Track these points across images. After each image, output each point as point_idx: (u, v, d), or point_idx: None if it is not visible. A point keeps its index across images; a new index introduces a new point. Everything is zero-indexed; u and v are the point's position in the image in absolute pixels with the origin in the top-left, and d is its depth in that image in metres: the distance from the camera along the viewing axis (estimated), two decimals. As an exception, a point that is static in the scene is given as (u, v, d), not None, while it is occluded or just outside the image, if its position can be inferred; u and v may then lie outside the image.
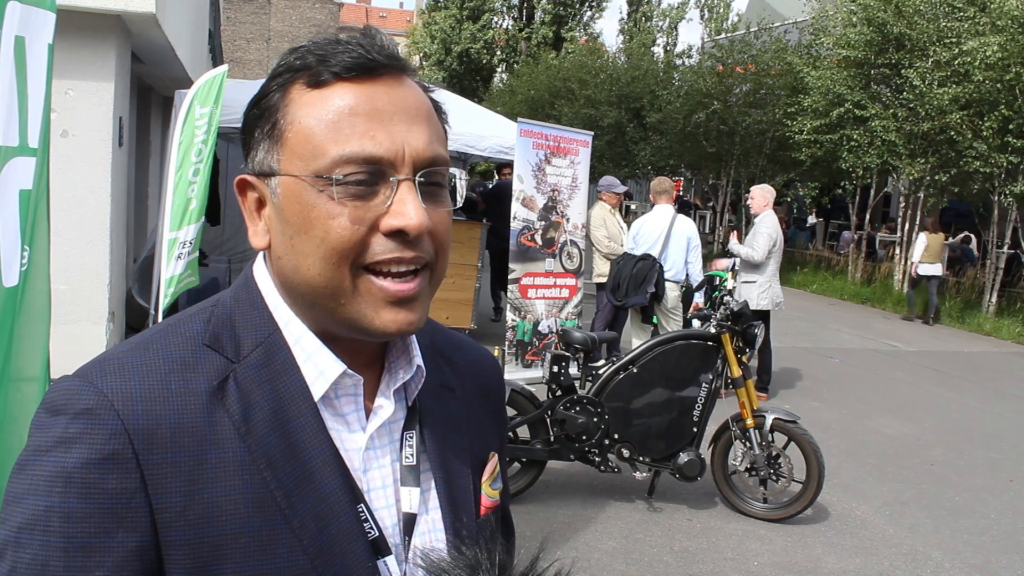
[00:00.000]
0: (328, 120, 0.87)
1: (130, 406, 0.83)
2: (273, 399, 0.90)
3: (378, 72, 0.89)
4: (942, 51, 15.08)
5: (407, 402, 1.02)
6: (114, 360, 0.88)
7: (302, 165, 0.88)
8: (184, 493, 0.83)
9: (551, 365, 5.38)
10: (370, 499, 0.95)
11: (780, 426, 5.38)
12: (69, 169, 6.43)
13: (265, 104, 0.92)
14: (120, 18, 6.33)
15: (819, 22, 19.26)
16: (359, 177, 0.86)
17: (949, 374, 11.15)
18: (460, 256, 9.56)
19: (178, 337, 0.92)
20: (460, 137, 8.91)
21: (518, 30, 45.46)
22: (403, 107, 0.90)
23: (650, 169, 26.58)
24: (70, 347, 5.25)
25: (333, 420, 0.94)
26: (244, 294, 0.97)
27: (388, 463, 0.98)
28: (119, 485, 0.81)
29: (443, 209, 0.93)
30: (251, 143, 0.94)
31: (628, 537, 5.05)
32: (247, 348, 0.92)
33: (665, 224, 7.93)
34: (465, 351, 1.17)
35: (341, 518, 0.90)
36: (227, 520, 0.85)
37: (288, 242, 0.90)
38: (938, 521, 5.78)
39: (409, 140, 0.88)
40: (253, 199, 0.95)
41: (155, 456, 0.83)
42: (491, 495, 1.10)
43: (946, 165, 15.97)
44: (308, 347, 0.93)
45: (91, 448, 0.81)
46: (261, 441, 0.88)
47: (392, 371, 1.01)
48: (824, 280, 19.54)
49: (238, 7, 52.13)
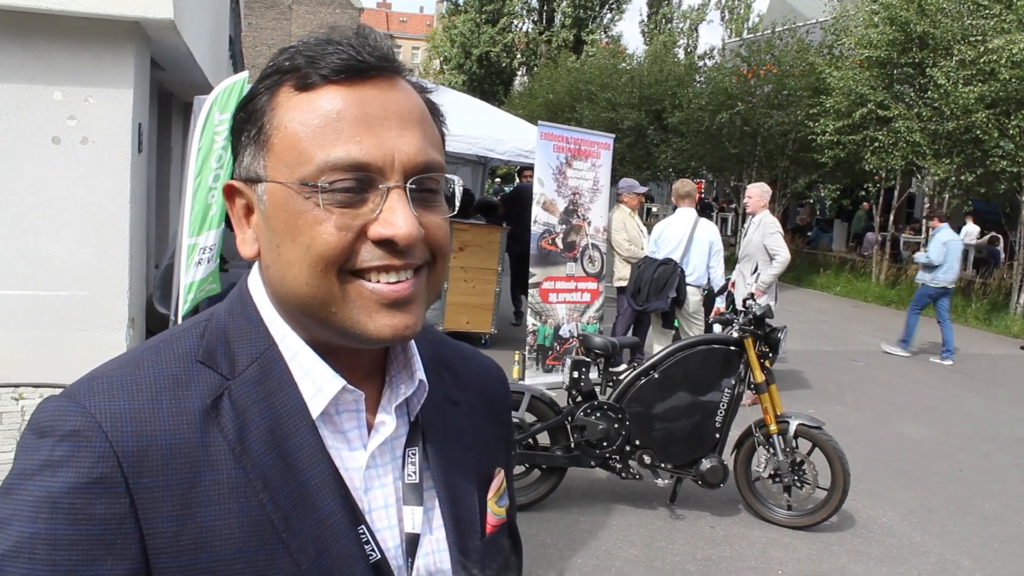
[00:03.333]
0: (315, 125, 0.83)
1: (119, 427, 0.80)
2: (269, 417, 0.86)
3: (369, 74, 0.86)
4: (967, 49, 14.91)
5: (409, 417, 0.99)
6: (103, 379, 0.84)
7: (288, 172, 0.84)
8: (176, 518, 0.80)
9: (571, 370, 5.33)
10: (371, 520, 0.91)
11: (804, 432, 5.30)
12: (89, 176, 6.45)
13: (252, 107, 0.89)
14: (139, 24, 6.34)
15: (840, 22, 19.10)
16: (346, 184, 0.83)
17: (976, 377, 10.99)
18: (480, 260, 9.54)
19: (170, 353, 0.88)
20: (479, 140, 8.89)
21: (538, 33, 45.50)
22: (394, 111, 0.86)
23: (671, 171, 26.47)
24: (90, 354, 5.27)
25: (333, 438, 0.91)
26: (239, 307, 0.93)
27: (390, 481, 0.95)
28: (108, 510, 0.77)
29: (438, 215, 0.89)
30: (238, 148, 0.91)
31: (650, 545, 4.99)
32: (242, 364, 0.88)
33: (687, 228, 7.86)
34: (470, 362, 1.14)
35: (341, 541, 0.87)
36: (222, 545, 0.81)
37: (275, 250, 0.86)
38: (967, 529, 5.68)
39: (400, 146, 0.85)
40: (241, 206, 0.92)
41: (146, 479, 0.79)
42: (497, 512, 1.06)
43: (972, 165, 15.79)
44: (305, 362, 0.90)
45: (78, 472, 0.77)
46: (257, 462, 0.84)
47: (394, 386, 0.97)
48: (848, 282, 19.37)
49: (259, 13, 52.43)
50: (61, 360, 6.37)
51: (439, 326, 9.56)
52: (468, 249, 9.48)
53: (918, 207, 22.48)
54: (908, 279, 18.35)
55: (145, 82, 7.04)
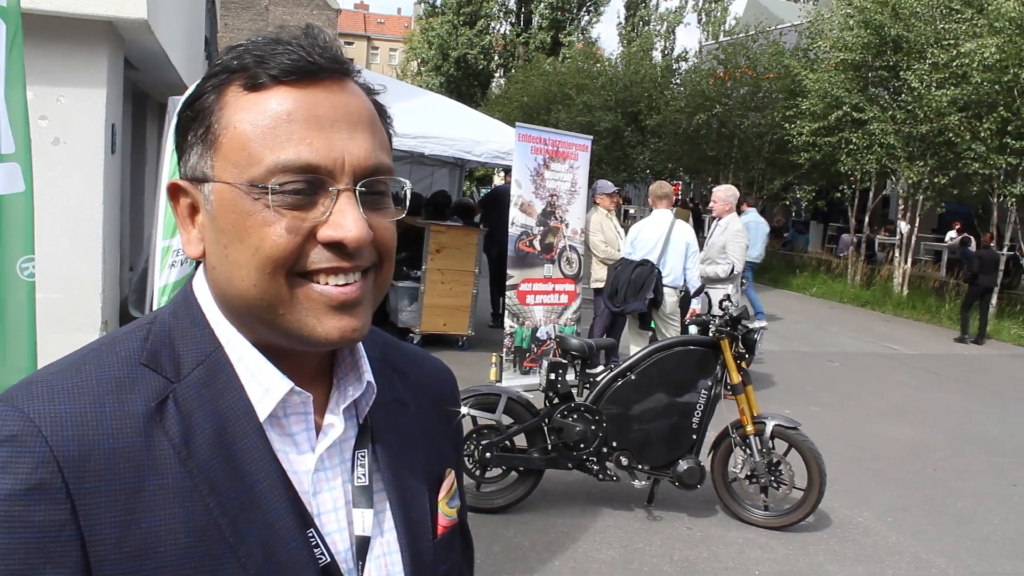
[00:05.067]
0: (264, 126, 0.82)
1: (59, 431, 0.78)
2: (216, 420, 0.85)
3: (319, 76, 0.85)
4: (940, 53, 15.07)
5: (358, 419, 0.97)
6: (42, 382, 0.82)
7: (236, 172, 0.83)
8: (120, 524, 0.78)
9: (548, 372, 5.32)
10: (321, 523, 0.90)
11: (781, 432, 5.32)
12: (61, 177, 6.37)
13: (199, 106, 0.87)
14: (112, 24, 6.27)
15: (816, 25, 19.24)
16: (296, 186, 0.82)
17: (950, 377, 11.10)
18: (457, 262, 9.51)
19: (113, 356, 0.86)
20: (457, 142, 8.87)
21: (516, 35, 45.51)
22: (344, 113, 0.85)
23: (648, 173, 26.58)
24: (60, 357, 5.20)
25: (280, 441, 0.89)
26: (184, 310, 0.92)
27: (339, 484, 0.93)
28: (47, 517, 0.75)
29: (386, 216, 0.89)
30: (184, 146, 0.89)
31: (627, 547, 4.99)
32: (187, 367, 0.87)
33: (664, 229, 7.87)
34: (419, 364, 1.13)
35: (290, 545, 0.85)
36: (167, 551, 0.79)
37: (222, 251, 0.85)
38: (941, 528, 5.72)
39: (350, 148, 0.84)
40: (186, 205, 0.90)
41: (87, 484, 0.77)
42: (448, 513, 1.05)
43: (945, 167, 15.97)
44: (252, 364, 0.88)
45: (15, 478, 0.75)
46: (203, 465, 0.82)
47: (341, 388, 0.96)
48: (823, 283, 19.51)
49: (235, 14, 52.14)
50: (33, 363, 6.28)
51: (416, 328, 9.53)
52: (445, 251, 9.45)
53: (893, 209, 22.67)
54: (883, 280, 18.52)
55: (119, 82, 6.97)
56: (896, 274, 17.93)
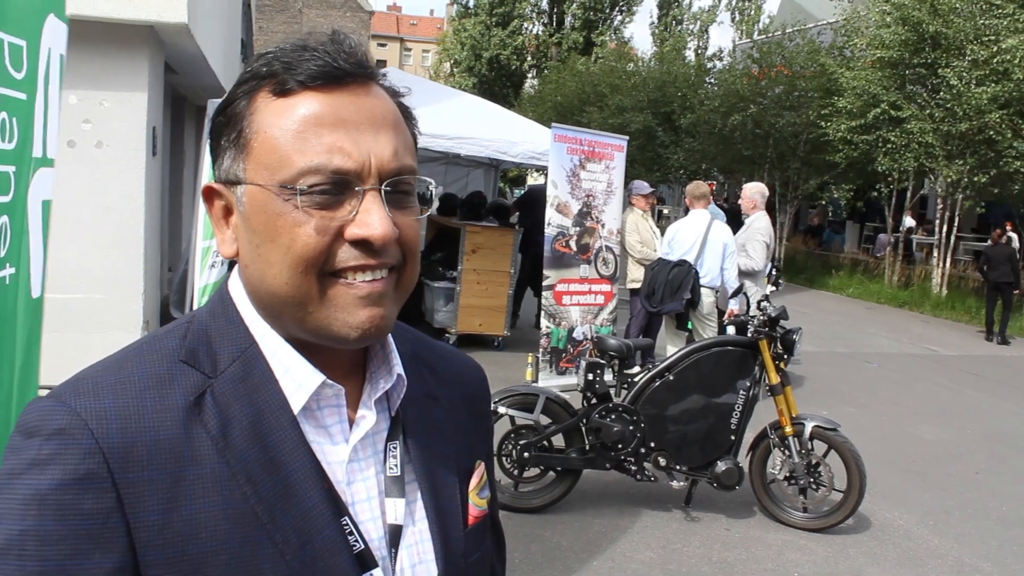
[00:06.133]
0: (293, 130, 0.86)
1: (104, 425, 0.82)
2: (251, 413, 0.89)
3: (344, 80, 0.89)
4: (980, 49, 14.85)
5: (390, 412, 1.01)
6: (88, 380, 0.87)
7: (268, 175, 0.87)
8: (162, 511, 0.82)
9: (586, 372, 5.32)
10: (354, 512, 0.94)
11: (820, 434, 5.28)
12: (103, 179, 6.47)
13: (231, 112, 0.91)
14: (153, 29, 6.36)
15: (852, 23, 19.03)
16: (325, 187, 0.86)
17: (990, 379, 10.94)
18: (493, 263, 9.53)
19: (153, 354, 0.90)
20: (492, 143, 8.89)
21: (548, 35, 45.49)
22: (369, 116, 0.89)
23: (682, 173, 26.43)
24: (104, 357, 5.28)
25: (315, 433, 0.93)
26: (219, 308, 0.96)
27: (372, 475, 0.97)
28: (95, 505, 0.80)
29: (411, 215, 0.92)
30: (218, 150, 0.93)
31: (665, 547, 4.98)
32: (224, 363, 0.91)
33: (701, 230, 7.83)
34: (449, 361, 1.16)
35: (324, 532, 0.89)
36: (207, 537, 0.83)
37: (255, 251, 0.89)
38: (984, 531, 5.65)
39: (375, 150, 0.88)
40: (220, 207, 0.94)
41: (131, 474, 0.81)
42: (479, 504, 1.08)
43: (985, 166, 15.72)
44: (286, 360, 0.92)
45: (65, 469, 0.79)
46: (240, 456, 0.87)
47: (373, 381, 1.00)
48: (860, 283, 19.31)
49: (270, 17, 52.56)
50: (76, 362, 6.34)
51: (452, 328, 9.57)
52: (481, 251, 9.48)
53: (931, 208, 22.37)
54: (921, 280, 18.28)
55: (159, 86, 7.06)
56: (935, 274, 17.69)
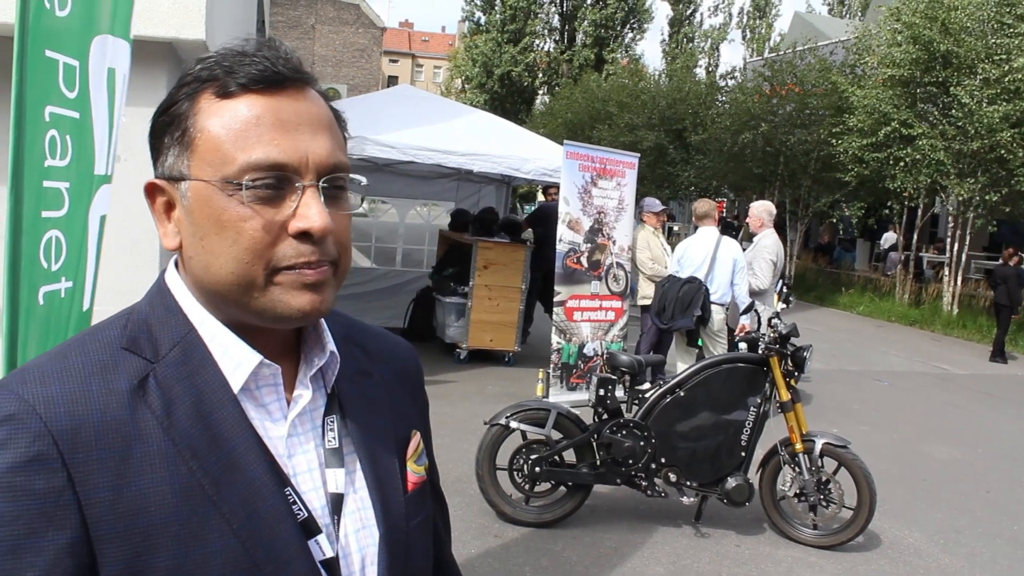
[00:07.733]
0: (236, 129, 0.92)
1: (52, 408, 0.87)
2: (193, 393, 0.94)
3: (283, 84, 0.95)
4: (991, 68, 14.88)
5: (326, 389, 1.07)
6: (33, 369, 0.91)
7: (211, 171, 0.93)
8: (112, 488, 0.86)
9: (597, 388, 5.35)
10: (297, 483, 0.99)
11: (830, 451, 5.29)
12: (123, 194, 6.54)
13: (174, 112, 0.97)
14: (171, 45, 6.44)
15: (863, 41, 19.08)
16: (267, 182, 0.92)
17: (1002, 398, 10.92)
18: (504, 279, 9.57)
19: (96, 343, 0.95)
20: (505, 160, 8.93)
21: (559, 52, 45.67)
22: (306, 117, 0.95)
23: (693, 190, 26.45)
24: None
25: (255, 411, 0.99)
26: (158, 299, 1.01)
27: (312, 448, 1.03)
28: (46, 485, 0.84)
29: (344, 212, 0.99)
30: (160, 148, 0.99)
31: (676, 563, 4.99)
32: (164, 348, 0.96)
33: (710, 247, 7.87)
34: (380, 340, 1.23)
35: (269, 502, 0.94)
36: (156, 510, 0.88)
37: (199, 243, 0.95)
38: (996, 551, 5.64)
39: (312, 148, 0.94)
40: (162, 202, 0.99)
41: (80, 454, 0.86)
42: (416, 471, 1.15)
43: (996, 184, 15.72)
44: (224, 341, 0.98)
45: (16, 452, 0.84)
46: (184, 433, 0.91)
47: (308, 360, 1.05)
48: (871, 301, 19.27)
49: (283, 33, 52.93)
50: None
51: (463, 344, 9.60)
52: (492, 267, 9.52)
53: (942, 226, 22.35)
54: (931, 298, 18.24)
55: (176, 102, 7.15)
56: (945, 293, 17.66)
